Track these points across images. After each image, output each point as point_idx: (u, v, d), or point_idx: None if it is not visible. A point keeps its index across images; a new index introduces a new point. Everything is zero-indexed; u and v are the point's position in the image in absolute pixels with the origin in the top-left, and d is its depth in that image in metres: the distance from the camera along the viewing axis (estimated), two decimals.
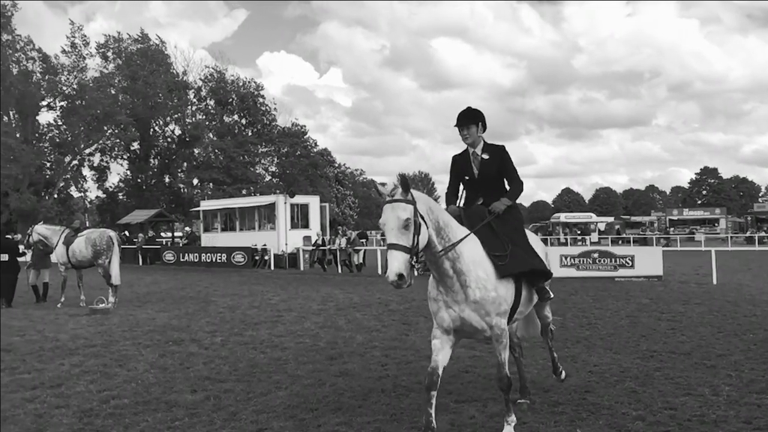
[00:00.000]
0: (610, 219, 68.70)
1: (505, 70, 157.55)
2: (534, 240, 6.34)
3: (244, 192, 56.20)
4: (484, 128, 6.00)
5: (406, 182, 4.85)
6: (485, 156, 5.91)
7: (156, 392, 7.09)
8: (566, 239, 51.73)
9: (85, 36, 54.65)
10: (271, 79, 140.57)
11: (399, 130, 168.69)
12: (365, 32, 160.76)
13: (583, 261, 21.27)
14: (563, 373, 6.97)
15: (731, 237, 50.44)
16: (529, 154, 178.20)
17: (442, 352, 5.33)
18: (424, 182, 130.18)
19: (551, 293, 5.90)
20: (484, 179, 5.95)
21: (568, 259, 21.57)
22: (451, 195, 6.16)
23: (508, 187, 6.03)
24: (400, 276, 4.58)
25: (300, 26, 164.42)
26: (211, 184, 59.82)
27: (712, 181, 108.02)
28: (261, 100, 63.21)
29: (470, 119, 5.91)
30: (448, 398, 6.67)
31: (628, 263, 20.67)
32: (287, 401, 6.68)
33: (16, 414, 6.31)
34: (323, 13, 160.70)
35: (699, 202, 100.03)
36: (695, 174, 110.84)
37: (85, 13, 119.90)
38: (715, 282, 18.60)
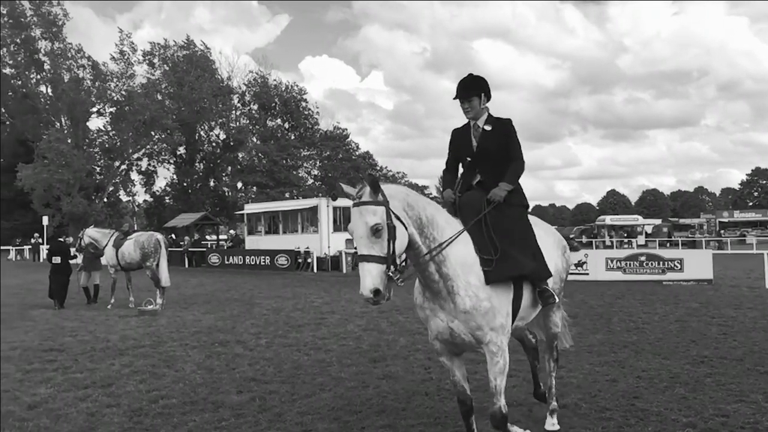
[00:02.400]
0: (658, 221, 67.31)
1: (548, 71, 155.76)
2: (546, 232, 5.67)
3: (287, 195, 56.80)
4: (488, 98, 5.20)
5: (374, 181, 4.19)
6: (487, 128, 5.13)
7: (203, 392, 7.21)
8: (612, 242, 50.87)
9: (133, 44, 56.08)
10: (313, 83, 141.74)
11: (440, 133, 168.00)
12: (406, 35, 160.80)
13: (630, 264, 20.90)
14: (554, 403, 5.92)
15: None
16: (573, 156, 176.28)
17: (458, 368, 4.90)
18: None
19: (556, 296, 5.16)
20: (483, 155, 5.14)
21: (614, 262, 21.22)
22: (449, 176, 5.40)
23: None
24: (376, 292, 4.01)
25: (341, 30, 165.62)
26: (254, 187, 60.62)
27: (764, 182, 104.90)
28: (304, 104, 63.86)
29: (471, 90, 5.11)
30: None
31: (676, 266, 20.24)
32: (331, 403, 6.72)
33: (69, 412, 6.48)
34: (364, 16, 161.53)
35: (750, 203, 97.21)
36: (746, 175, 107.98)
37: (132, 21, 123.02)
38: (767, 286, 18.05)
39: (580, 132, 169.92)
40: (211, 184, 63.58)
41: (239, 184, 62.69)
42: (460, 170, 5.37)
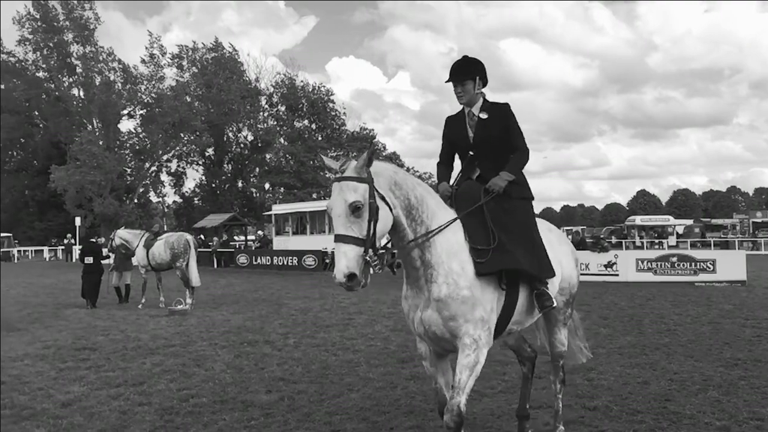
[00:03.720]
0: (689, 222, 66.22)
1: (576, 70, 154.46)
2: (559, 239, 5.31)
3: (314, 196, 57.02)
4: (484, 83, 4.74)
5: (372, 154, 3.89)
6: (483, 115, 4.67)
7: (232, 392, 7.27)
8: (642, 242, 50.21)
9: (163, 46, 56.75)
10: (340, 84, 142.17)
11: None
12: (432, 35, 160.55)
13: (661, 265, 20.62)
14: (561, 427, 5.52)
15: None
16: (603, 156, 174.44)
17: (442, 373, 4.43)
18: None
19: (554, 301, 4.58)
20: (480, 145, 4.69)
21: (645, 263, 20.95)
22: (443, 168, 4.93)
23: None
24: (350, 276, 3.65)
25: (368, 31, 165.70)
26: (282, 188, 61.00)
27: None
28: (330, 105, 64.09)
29: (465, 73, 4.67)
30: None
31: (709, 267, 19.91)
32: (359, 403, 6.72)
33: (102, 410, 6.58)
34: (391, 17, 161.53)
35: None
36: None
37: (162, 24, 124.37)
38: None
39: (610, 131, 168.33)
40: (239, 185, 64.12)
41: (267, 185, 63.14)
42: (457, 162, 4.97)
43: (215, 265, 35.10)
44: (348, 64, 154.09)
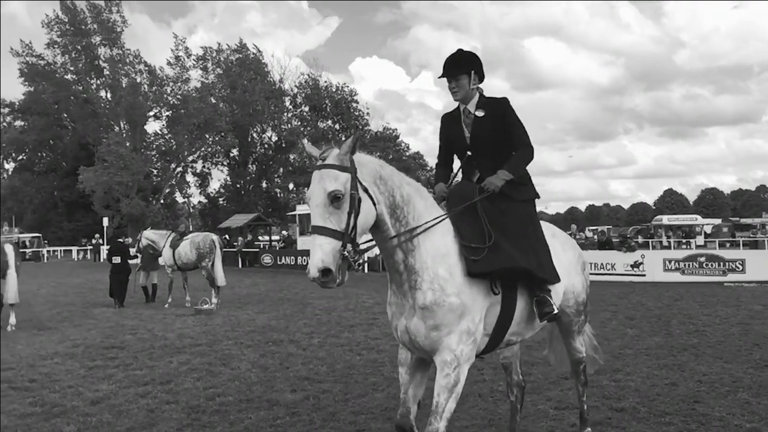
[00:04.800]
0: (717, 221, 65.18)
1: (602, 68, 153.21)
2: (564, 245, 4.89)
3: None
4: (480, 78, 4.45)
5: (357, 140, 3.66)
6: (479, 113, 4.37)
7: (258, 391, 7.31)
8: (669, 242, 49.54)
9: (188, 48, 57.36)
10: (363, 84, 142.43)
11: None
12: (456, 34, 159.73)
13: (689, 265, 20.36)
14: (588, 430, 5.31)
15: None
16: (629, 154, 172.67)
17: (415, 386, 4.09)
18: None
19: (555, 308, 4.17)
20: (478, 145, 4.40)
21: (673, 263, 20.71)
22: (441, 169, 4.69)
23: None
24: (325, 271, 3.35)
25: (391, 31, 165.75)
26: (306, 188, 61.23)
27: None
28: (354, 105, 64.24)
29: (459, 67, 4.38)
30: (548, 405, 6.51)
31: (738, 267, 19.63)
32: (384, 403, 6.73)
33: (130, 408, 6.66)
34: (414, 17, 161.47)
35: None
36: None
37: (187, 26, 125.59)
38: None
39: (636, 130, 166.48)
40: (264, 185, 64.55)
41: (291, 185, 63.43)
42: (457, 163, 4.67)
43: (240, 265, 35.34)
44: (371, 64, 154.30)
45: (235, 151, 62.82)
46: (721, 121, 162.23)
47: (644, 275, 20.79)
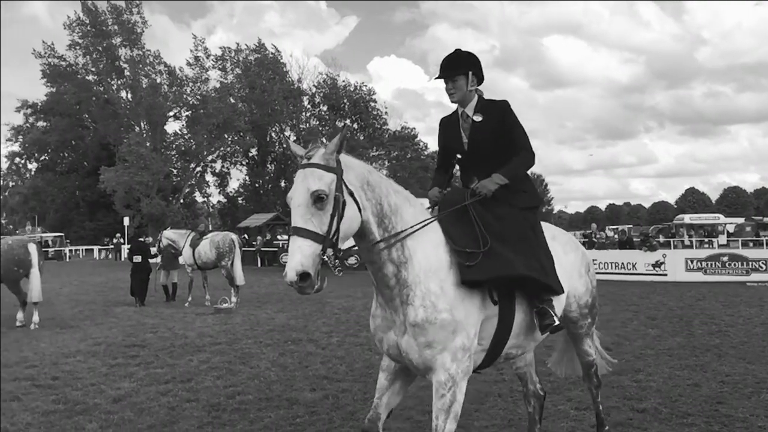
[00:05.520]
0: (740, 220, 64.32)
1: (622, 66, 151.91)
2: (565, 247, 4.61)
3: None
4: (479, 80, 4.24)
5: (344, 138, 3.46)
6: (477, 118, 4.15)
7: (277, 389, 7.34)
8: (691, 241, 49.01)
9: (207, 49, 57.71)
10: (382, 83, 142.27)
11: None
12: (474, 33, 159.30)
13: (712, 264, 20.14)
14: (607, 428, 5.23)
15: None
16: (649, 153, 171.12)
17: (388, 391, 3.96)
18: (536, 183, 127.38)
19: (556, 319, 3.92)
20: (476, 151, 4.17)
21: (695, 262, 20.49)
22: (439, 174, 4.49)
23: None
24: (303, 275, 3.16)
25: (409, 30, 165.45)
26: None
27: None
28: (372, 104, 64.25)
29: (455, 67, 4.18)
30: (568, 405, 6.47)
31: (761, 267, 19.39)
32: (403, 402, 6.67)
33: (151, 406, 6.71)
34: (432, 16, 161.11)
35: None
36: None
37: (206, 26, 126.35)
38: None
39: (657, 128, 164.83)
40: (282, 184, 64.71)
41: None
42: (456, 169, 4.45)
43: (259, 264, 35.50)
44: (389, 64, 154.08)
45: (254, 151, 63.11)
46: (743, 118, 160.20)
47: (666, 275, 20.59)
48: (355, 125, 65.02)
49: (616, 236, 30.14)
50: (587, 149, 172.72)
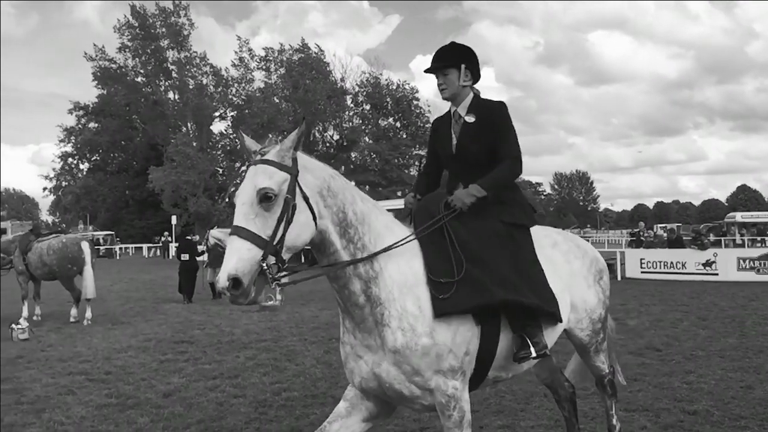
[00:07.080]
0: None
1: (669, 61, 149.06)
2: (567, 255, 4.20)
3: (399, 194, 57.24)
4: (475, 77, 3.85)
5: (295, 134, 3.11)
6: (469, 119, 3.74)
7: (323, 387, 7.40)
8: (743, 240, 47.68)
9: (252, 50, 58.46)
10: (424, 81, 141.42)
11: (554, 129, 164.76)
12: (518, 30, 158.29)
13: (765, 264, 19.53)
14: None
15: None
16: (699, 150, 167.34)
17: (344, 421, 3.46)
18: (581, 181, 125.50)
19: (533, 350, 3.44)
20: (463, 154, 3.78)
21: (747, 261, 19.92)
22: (421, 178, 4.13)
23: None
24: (235, 282, 2.80)
25: (452, 28, 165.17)
26: (367, 186, 61.48)
27: None
28: (415, 102, 64.20)
29: (446, 59, 3.77)
30: (617, 406, 6.34)
31: None
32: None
33: (200, 401, 6.85)
34: (474, 13, 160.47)
35: None
36: None
37: (250, 27, 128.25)
38: None
39: (706, 124, 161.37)
40: None
41: (352, 184, 63.90)
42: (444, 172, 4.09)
43: (302, 261, 35.78)
44: None
45: None
46: None
47: (717, 274, 20.07)
48: (398, 124, 65.08)
49: (665, 235, 29.52)
50: (634, 146, 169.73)
